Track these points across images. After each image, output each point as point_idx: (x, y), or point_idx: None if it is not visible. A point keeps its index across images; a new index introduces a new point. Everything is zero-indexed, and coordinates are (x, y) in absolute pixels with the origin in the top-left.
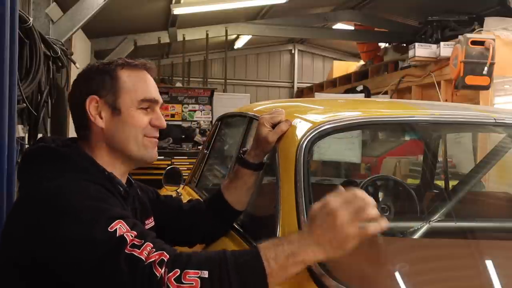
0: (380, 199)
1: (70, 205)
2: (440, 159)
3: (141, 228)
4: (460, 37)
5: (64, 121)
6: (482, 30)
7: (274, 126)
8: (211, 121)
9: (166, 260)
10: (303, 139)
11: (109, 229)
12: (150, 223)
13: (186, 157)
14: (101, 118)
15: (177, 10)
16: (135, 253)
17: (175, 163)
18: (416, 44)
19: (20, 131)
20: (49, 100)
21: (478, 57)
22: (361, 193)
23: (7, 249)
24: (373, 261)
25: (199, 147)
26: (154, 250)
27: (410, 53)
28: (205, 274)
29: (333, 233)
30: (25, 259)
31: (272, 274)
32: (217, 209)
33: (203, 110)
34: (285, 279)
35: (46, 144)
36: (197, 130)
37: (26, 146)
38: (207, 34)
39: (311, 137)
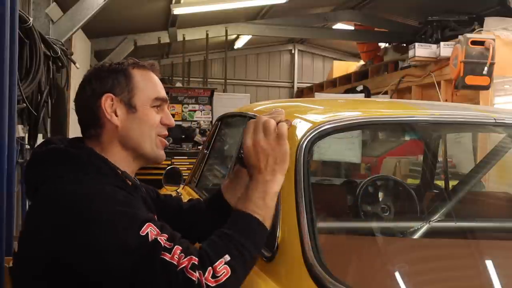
0: (380, 199)
1: (100, 211)
2: (440, 159)
3: (169, 230)
4: (460, 37)
5: (64, 121)
6: (482, 30)
7: None
8: (211, 121)
9: (196, 264)
10: (303, 139)
11: (141, 233)
12: None
13: (186, 157)
14: (117, 116)
15: (177, 10)
16: (167, 258)
17: (175, 163)
18: (416, 44)
19: (20, 131)
20: (49, 100)
21: (478, 57)
22: (258, 119)
23: (30, 249)
24: (373, 261)
25: (199, 147)
26: (183, 255)
27: (410, 53)
28: (227, 257)
29: (269, 155)
30: (50, 260)
31: (265, 218)
32: (217, 209)
33: (203, 110)
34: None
35: (56, 145)
36: (197, 130)
37: (26, 146)
38: (207, 34)
39: (311, 137)
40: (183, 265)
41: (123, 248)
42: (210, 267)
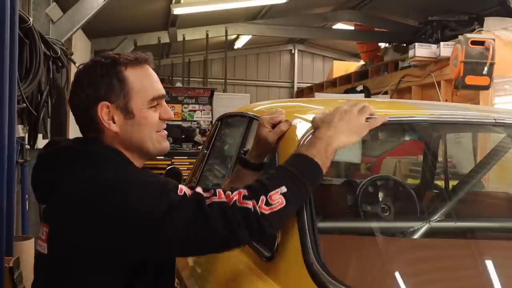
0: (380, 199)
1: (133, 189)
2: (440, 159)
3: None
4: (460, 37)
5: (64, 121)
6: (482, 30)
7: (274, 126)
8: (211, 121)
9: (247, 194)
10: (303, 139)
11: (179, 193)
12: None
13: (186, 157)
14: (114, 122)
15: (177, 10)
16: (214, 200)
17: (175, 163)
18: (416, 44)
19: (20, 131)
20: (49, 100)
21: (478, 57)
22: (363, 100)
23: (75, 247)
24: (373, 261)
25: (199, 147)
26: (230, 192)
27: (410, 53)
28: (284, 189)
29: (349, 123)
30: (101, 252)
31: (323, 164)
32: None
33: (203, 110)
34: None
35: (64, 145)
36: (197, 130)
37: (26, 146)
38: (207, 34)
39: None
40: (234, 198)
41: (169, 207)
42: (264, 196)
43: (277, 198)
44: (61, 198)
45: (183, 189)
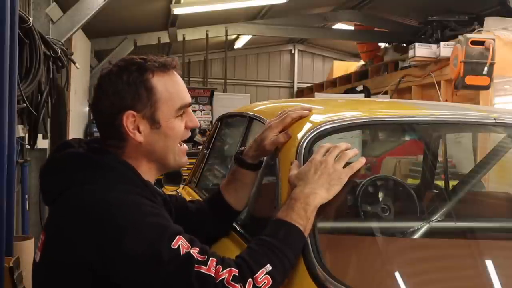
0: (380, 199)
1: (131, 221)
2: (440, 159)
3: (199, 243)
4: (460, 37)
5: (64, 121)
6: (482, 30)
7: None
8: (211, 121)
9: (237, 275)
10: (303, 139)
11: (172, 247)
12: None
13: (186, 157)
14: (140, 132)
15: (177, 10)
16: (203, 270)
17: None
18: (416, 44)
19: (20, 131)
20: (49, 100)
21: (478, 57)
22: (338, 145)
23: (61, 256)
24: (373, 261)
25: (199, 147)
26: (221, 266)
27: (410, 53)
28: (269, 267)
29: (327, 174)
30: (82, 269)
31: (305, 229)
32: (217, 209)
33: (203, 110)
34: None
35: (75, 150)
36: (197, 130)
37: (26, 146)
38: (207, 34)
39: (311, 137)
40: (222, 277)
41: (156, 259)
42: (251, 279)
43: (263, 279)
44: (60, 207)
45: (178, 241)
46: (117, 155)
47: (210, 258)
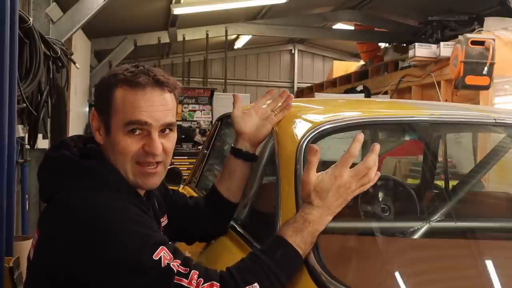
0: (380, 199)
1: (114, 229)
2: (440, 159)
3: (183, 255)
4: (460, 37)
5: (64, 121)
6: (482, 30)
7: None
8: (211, 121)
9: None
10: (303, 139)
11: (154, 257)
12: (164, 221)
13: (186, 157)
14: (100, 134)
15: (177, 10)
16: (183, 283)
17: (175, 163)
18: (416, 44)
19: (20, 131)
20: (49, 100)
21: (478, 57)
22: (370, 167)
23: (42, 262)
24: (373, 261)
25: (199, 147)
26: (202, 280)
27: (410, 53)
28: (256, 286)
29: (344, 200)
30: (62, 275)
31: (305, 253)
32: (213, 203)
33: (203, 110)
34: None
35: (67, 154)
36: (197, 130)
37: (26, 146)
38: (207, 34)
39: (311, 137)
40: None
41: (135, 268)
42: None
43: None
44: (51, 208)
45: (161, 252)
46: (107, 156)
47: (192, 271)
